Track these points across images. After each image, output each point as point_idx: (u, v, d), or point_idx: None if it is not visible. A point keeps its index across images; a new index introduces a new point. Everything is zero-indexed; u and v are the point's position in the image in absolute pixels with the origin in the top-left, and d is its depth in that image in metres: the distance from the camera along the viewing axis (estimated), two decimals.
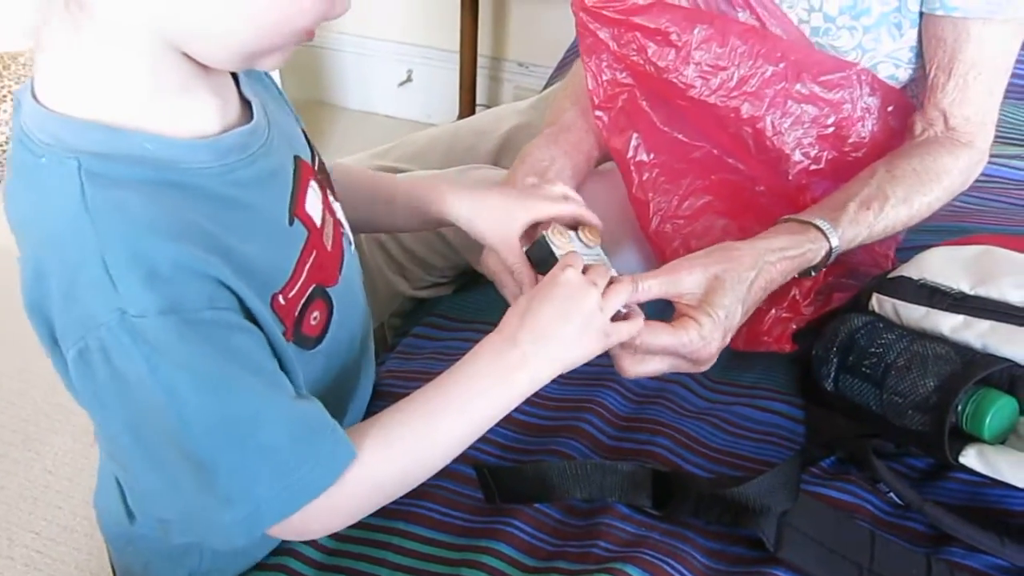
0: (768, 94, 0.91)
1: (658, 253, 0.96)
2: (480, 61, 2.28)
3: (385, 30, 2.44)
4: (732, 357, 0.96)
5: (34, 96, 0.57)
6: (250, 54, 0.58)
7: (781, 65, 0.90)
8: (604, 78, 0.93)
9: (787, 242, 0.82)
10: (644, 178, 0.94)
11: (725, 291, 0.77)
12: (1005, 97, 1.43)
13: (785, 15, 0.91)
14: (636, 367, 0.77)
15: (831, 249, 0.84)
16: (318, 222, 0.67)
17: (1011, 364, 0.76)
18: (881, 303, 0.86)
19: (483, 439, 0.82)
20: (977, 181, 1.20)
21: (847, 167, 0.94)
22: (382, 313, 1.15)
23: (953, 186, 0.91)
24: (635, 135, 0.94)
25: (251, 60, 0.58)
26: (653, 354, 0.77)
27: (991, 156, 1.23)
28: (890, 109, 0.94)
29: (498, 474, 0.76)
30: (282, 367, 0.60)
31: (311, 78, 2.56)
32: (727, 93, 0.91)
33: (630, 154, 0.94)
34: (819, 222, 0.84)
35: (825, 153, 0.94)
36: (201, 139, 0.58)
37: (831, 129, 0.93)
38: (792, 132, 0.92)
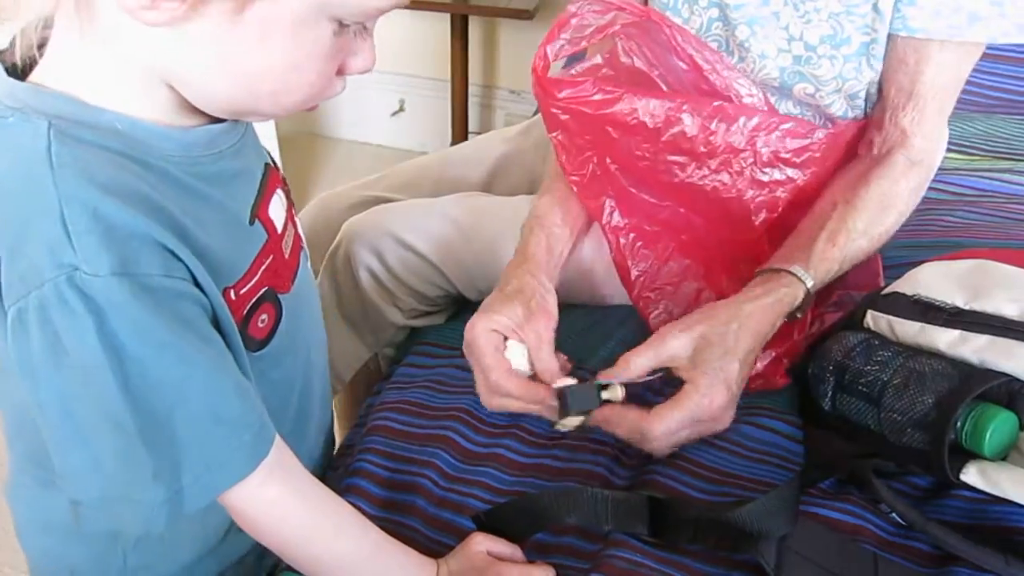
0: (734, 167, 0.92)
1: (644, 319, 0.98)
2: (472, 89, 2.29)
3: (377, 60, 2.45)
4: None
5: (6, 71, 0.57)
6: (237, 112, 0.61)
7: (744, 143, 0.91)
8: (571, 145, 0.94)
9: (760, 291, 0.86)
10: (621, 243, 0.97)
11: (712, 347, 0.81)
12: (995, 112, 1.43)
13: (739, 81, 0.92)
14: (667, 448, 0.82)
15: (807, 290, 0.86)
16: (279, 228, 0.68)
17: (1010, 379, 0.74)
18: (876, 320, 0.86)
19: (477, 484, 0.82)
20: (971, 195, 1.20)
21: (807, 197, 0.95)
22: (376, 343, 1.14)
23: (907, 209, 0.94)
24: (608, 200, 0.96)
25: (238, 116, 0.62)
26: (673, 432, 0.80)
27: (984, 170, 1.24)
28: (846, 140, 0.96)
29: (492, 514, 0.76)
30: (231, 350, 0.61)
31: None
32: (682, 169, 0.93)
33: (605, 219, 0.96)
34: (791, 268, 0.87)
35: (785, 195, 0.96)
36: (170, 127, 0.59)
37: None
38: (750, 190, 0.94)
